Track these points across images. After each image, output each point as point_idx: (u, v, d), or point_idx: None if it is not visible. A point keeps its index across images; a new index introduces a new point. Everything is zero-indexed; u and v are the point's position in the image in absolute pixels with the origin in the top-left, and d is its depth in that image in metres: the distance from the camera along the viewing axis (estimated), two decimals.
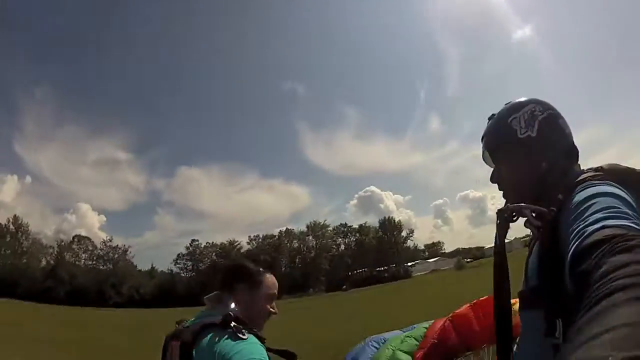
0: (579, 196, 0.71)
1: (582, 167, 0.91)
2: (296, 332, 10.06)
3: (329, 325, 13.20)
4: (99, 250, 67.98)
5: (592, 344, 0.32)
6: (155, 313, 32.29)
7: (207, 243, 64.71)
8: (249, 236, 66.39)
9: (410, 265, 63.26)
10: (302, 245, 66.10)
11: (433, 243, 79.69)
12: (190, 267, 63.55)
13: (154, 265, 67.73)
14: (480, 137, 1.05)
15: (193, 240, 65.99)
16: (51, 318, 22.42)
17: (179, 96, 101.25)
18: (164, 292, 58.89)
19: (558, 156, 0.91)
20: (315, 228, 66.87)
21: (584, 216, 0.63)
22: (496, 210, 0.88)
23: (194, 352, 1.03)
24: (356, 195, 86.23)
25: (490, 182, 1.00)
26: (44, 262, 64.46)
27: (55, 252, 65.38)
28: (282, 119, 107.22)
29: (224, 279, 1.24)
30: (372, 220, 72.55)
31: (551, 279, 0.70)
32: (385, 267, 62.97)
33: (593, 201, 0.66)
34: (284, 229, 67.51)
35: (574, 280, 0.53)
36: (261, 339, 1.09)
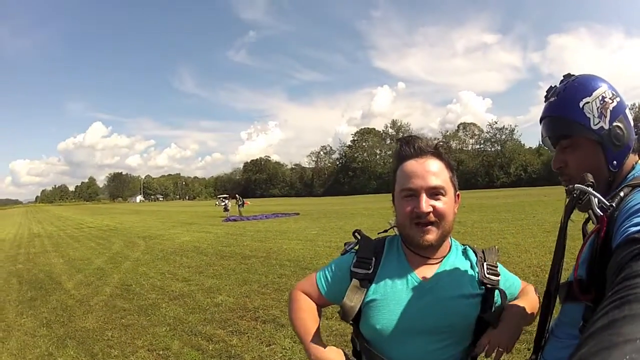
0: (638, 197, 0.68)
1: None
2: None
3: None
4: (486, 134, 69.74)
5: (610, 352, 0.32)
6: (537, 191, 31.78)
7: None
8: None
9: None
10: None
11: None
12: None
13: (540, 142, 67.47)
14: (540, 118, 0.92)
15: None
16: None
17: None
18: (550, 169, 54.95)
19: (626, 153, 0.83)
20: None
21: (633, 218, 0.61)
22: (566, 188, 0.84)
23: None
24: None
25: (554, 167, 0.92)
26: None
27: None
28: None
29: None
30: None
31: (598, 275, 0.67)
32: None
33: None
34: None
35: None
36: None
